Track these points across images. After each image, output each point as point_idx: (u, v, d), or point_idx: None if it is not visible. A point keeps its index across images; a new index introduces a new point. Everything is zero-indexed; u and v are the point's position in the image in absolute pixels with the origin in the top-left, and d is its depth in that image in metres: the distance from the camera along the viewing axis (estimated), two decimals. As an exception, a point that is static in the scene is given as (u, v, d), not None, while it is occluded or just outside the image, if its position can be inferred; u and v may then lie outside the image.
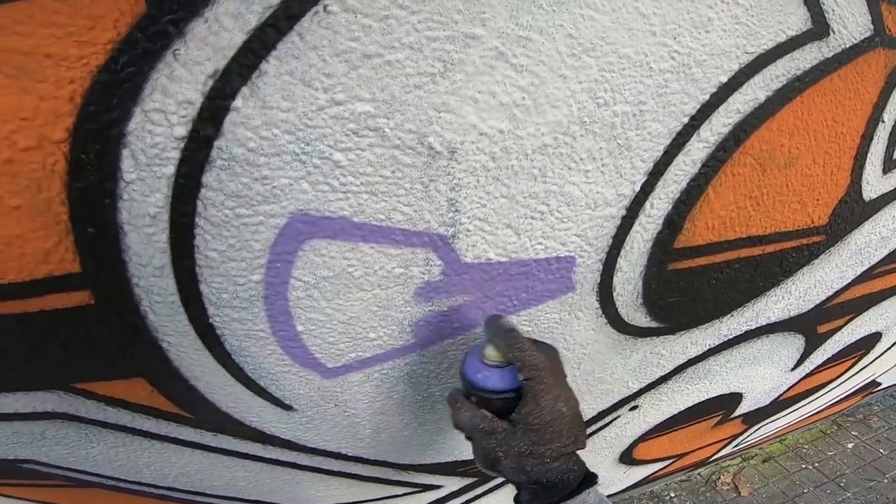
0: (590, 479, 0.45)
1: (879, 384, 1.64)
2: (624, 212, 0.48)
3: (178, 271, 0.38)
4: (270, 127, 0.34)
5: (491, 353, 0.46)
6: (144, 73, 0.31)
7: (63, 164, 0.33)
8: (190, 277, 0.39)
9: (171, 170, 0.34)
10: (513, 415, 0.44)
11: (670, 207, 0.49)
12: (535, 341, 0.47)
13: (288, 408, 0.55)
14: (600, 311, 0.56)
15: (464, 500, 1.05)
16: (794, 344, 0.88)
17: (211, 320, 0.42)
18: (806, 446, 1.89)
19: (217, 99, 0.32)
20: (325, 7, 0.31)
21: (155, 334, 0.42)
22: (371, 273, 0.43)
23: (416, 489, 0.93)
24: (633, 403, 0.82)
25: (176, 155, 0.33)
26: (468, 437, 0.47)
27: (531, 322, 0.53)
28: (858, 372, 1.30)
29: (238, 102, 0.33)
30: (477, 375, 0.46)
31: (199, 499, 0.83)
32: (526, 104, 0.38)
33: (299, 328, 0.45)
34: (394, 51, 0.33)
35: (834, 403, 1.57)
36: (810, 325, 0.85)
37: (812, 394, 1.26)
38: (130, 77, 0.31)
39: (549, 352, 0.46)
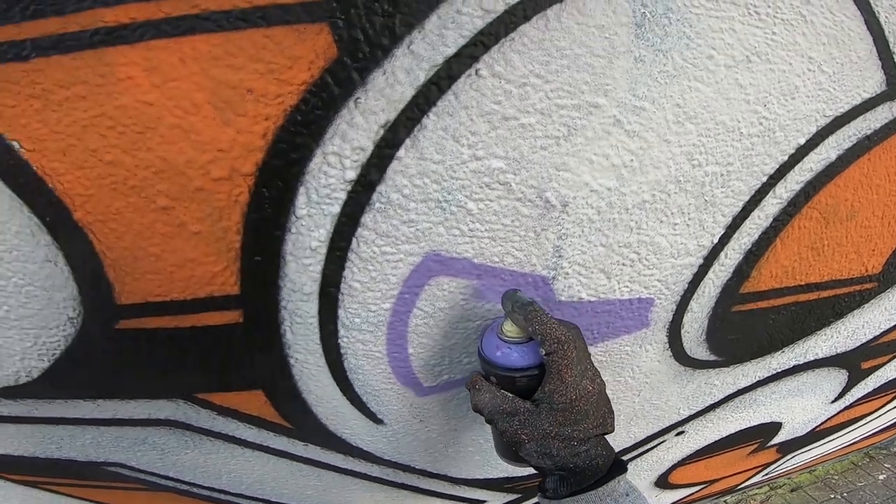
0: (619, 465, 0.43)
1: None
2: (701, 261, 0.52)
3: (323, 297, 0.44)
4: (422, 176, 0.39)
5: (510, 328, 0.44)
6: (329, 117, 0.35)
7: (246, 197, 0.37)
8: (331, 303, 0.44)
9: (336, 209, 0.39)
10: (536, 393, 0.42)
11: (741, 258, 0.54)
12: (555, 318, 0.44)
13: (379, 422, 0.60)
14: (667, 345, 0.61)
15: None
16: (837, 378, 0.91)
17: (339, 341, 0.47)
18: (836, 477, 1.88)
19: (385, 147, 0.37)
20: (476, 71, 0.36)
21: (287, 351, 0.48)
22: (479, 307, 0.48)
23: (462, 503, 0.97)
24: (680, 429, 0.85)
25: (343, 196, 0.38)
26: (489, 421, 0.45)
27: (606, 352, 0.58)
28: (896, 406, 1.30)
29: (401, 152, 0.38)
30: (496, 353, 0.44)
31: (265, 505, 0.88)
32: (633, 165, 0.43)
33: (410, 351, 0.50)
34: (528, 115, 0.39)
35: (870, 436, 1.57)
36: (855, 361, 0.88)
37: (849, 426, 1.27)
38: (317, 120, 0.35)
39: (571, 328, 0.43)
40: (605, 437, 0.44)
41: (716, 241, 0.51)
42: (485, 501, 0.98)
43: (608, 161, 0.42)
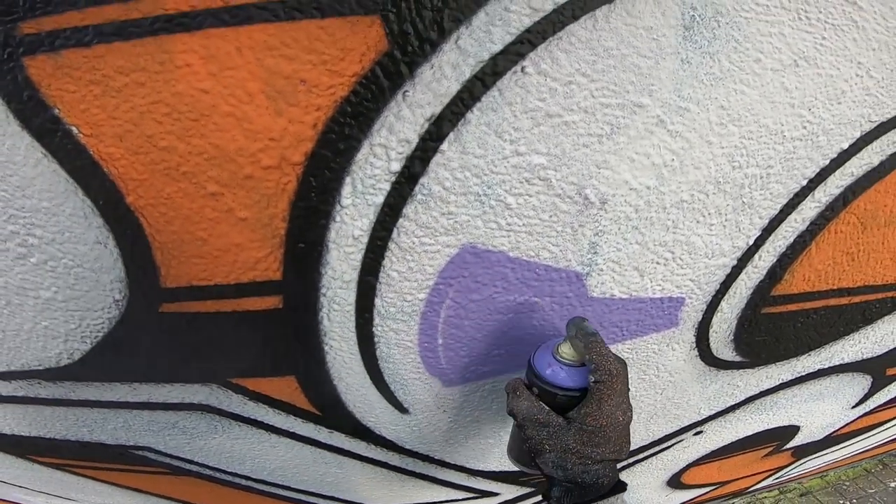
0: (619, 484, 0.46)
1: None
2: (735, 262, 0.52)
3: (361, 286, 0.45)
4: (464, 170, 0.40)
5: (567, 350, 0.47)
6: (378, 108, 0.36)
7: (293, 185, 0.38)
8: (369, 291, 0.45)
9: (380, 199, 0.40)
10: (571, 412, 0.45)
11: (775, 260, 0.54)
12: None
13: (405, 411, 0.61)
14: (694, 345, 0.61)
15: (516, 508, 1.10)
16: (860, 383, 0.90)
17: (374, 329, 0.48)
18: (847, 483, 1.87)
19: (429, 140, 0.38)
20: (522, 68, 0.36)
21: (322, 338, 0.49)
22: (510, 301, 0.49)
23: (476, 495, 0.98)
24: (699, 429, 0.85)
25: (387, 187, 0.39)
26: (519, 425, 0.48)
27: (633, 350, 0.58)
28: (914, 415, 1.29)
29: (444, 146, 0.38)
30: (546, 369, 0.48)
31: (282, 492, 0.90)
32: (674, 165, 0.43)
33: (440, 341, 0.51)
34: (571, 112, 0.39)
35: (886, 443, 1.56)
36: (880, 367, 0.87)
37: (866, 432, 1.26)
38: (366, 111, 0.36)
39: (622, 364, 0.47)
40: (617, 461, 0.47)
41: (751, 242, 0.51)
42: (498, 494, 1.00)
43: (649, 160, 0.42)
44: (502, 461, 0.83)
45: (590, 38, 0.36)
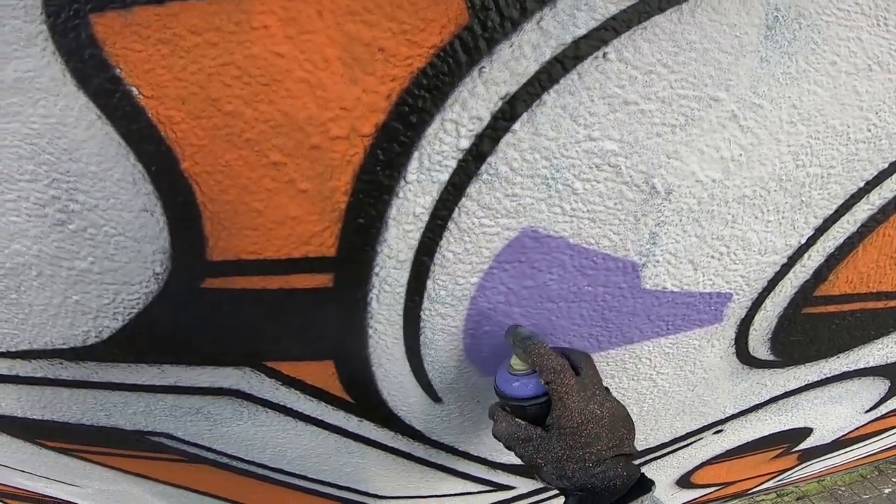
0: (643, 485, 0.44)
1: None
2: (785, 260, 0.52)
3: (416, 266, 0.43)
4: (534, 152, 0.39)
5: (516, 361, 0.47)
6: (453, 83, 0.35)
7: (360, 157, 0.36)
8: (423, 273, 0.44)
9: (445, 177, 0.38)
10: (547, 420, 0.45)
11: (823, 260, 0.54)
12: (561, 349, 0.48)
13: (438, 400, 0.60)
14: (733, 342, 0.60)
15: (528, 502, 1.09)
16: (878, 388, 0.91)
17: (421, 313, 0.47)
18: (842, 488, 1.89)
19: (501, 119, 0.37)
20: (604, 54, 0.36)
21: (368, 321, 0.48)
22: (565, 289, 0.48)
23: (492, 488, 0.97)
24: (720, 427, 0.85)
25: (453, 164, 0.38)
26: (508, 447, 0.48)
27: (675, 345, 0.58)
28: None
29: (517, 126, 0.37)
30: (505, 385, 0.48)
31: (298, 482, 0.88)
32: (741, 160, 0.42)
33: (486, 328, 0.50)
34: (649, 101, 0.38)
35: (886, 449, 1.58)
36: (898, 373, 0.87)
37: (872, 437, 1.27)
38: (441, 85, 0.34)
39: (580, 358, 0.46)
40: (629, 456, 0.46)
41: (803, 241, 0.51)
42: (514, 487, 0.99)
43: (718, 153, 0.42)
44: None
45: (674, 30, 0.36)
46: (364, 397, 0.58)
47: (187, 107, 0.34)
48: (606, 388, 0.48)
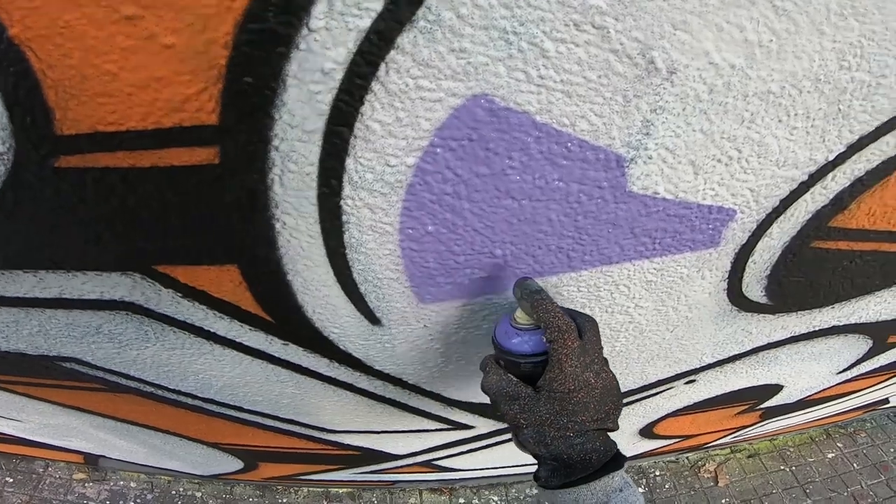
0: (616, 460, 0.43)
1: (888, 402, 1.66)
2: (805, 177, 0.42)
3: (329, 139, 0.32)
4: (490, -7, 0.27)
5: (520, 315, 0.45)
6: None
7: (244, 2, 0.26)
8: (340, 148, 0.33)
9: (366, 23, 0.27)
10: (539, 380, 0.42)
11: (848, 184, 0.44)
12: (568, 309, 0.45)
13: (376, 321, 0.50)
14: (727, 276, 0.52)
15: (489, 442, 1.05)
16: (859, 347, 0.86)
17: (342, 202, 0.36)
18: (791, 449, 1.95)
19: None
20: None
21: (273, 211, 0.37)
22: (529, 182, 0.37)
23: (449, 426, 0.92)
24: (693, 377, 0.79)
25: (378, 6, 0.27)
26: (493, 402, 0.46)
27: (659, 271, 0.49)
28: (884, 388, 1.29)
29: None
30: (504, 338, 0.45)
31: (234, 413, 0.81)
32: (770, 47, 0.32)
33: (430, 228, 0.39)
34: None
35: (840, 413, 1.60)
36: (884, 334, 0.82)
37: (834, 399, 1.26)
38: None
39: (586, 322, 0.44)
40: (608, 432, 0.44)
41: (831, 157, 0.41)
42: (473, 427, 0.94)
43: (741, 34, 0.31)
44: (481, 393, 0.76)
45: None
46: (284, 315, 0.49)
47: None
48: (605, 359, 0.45)
